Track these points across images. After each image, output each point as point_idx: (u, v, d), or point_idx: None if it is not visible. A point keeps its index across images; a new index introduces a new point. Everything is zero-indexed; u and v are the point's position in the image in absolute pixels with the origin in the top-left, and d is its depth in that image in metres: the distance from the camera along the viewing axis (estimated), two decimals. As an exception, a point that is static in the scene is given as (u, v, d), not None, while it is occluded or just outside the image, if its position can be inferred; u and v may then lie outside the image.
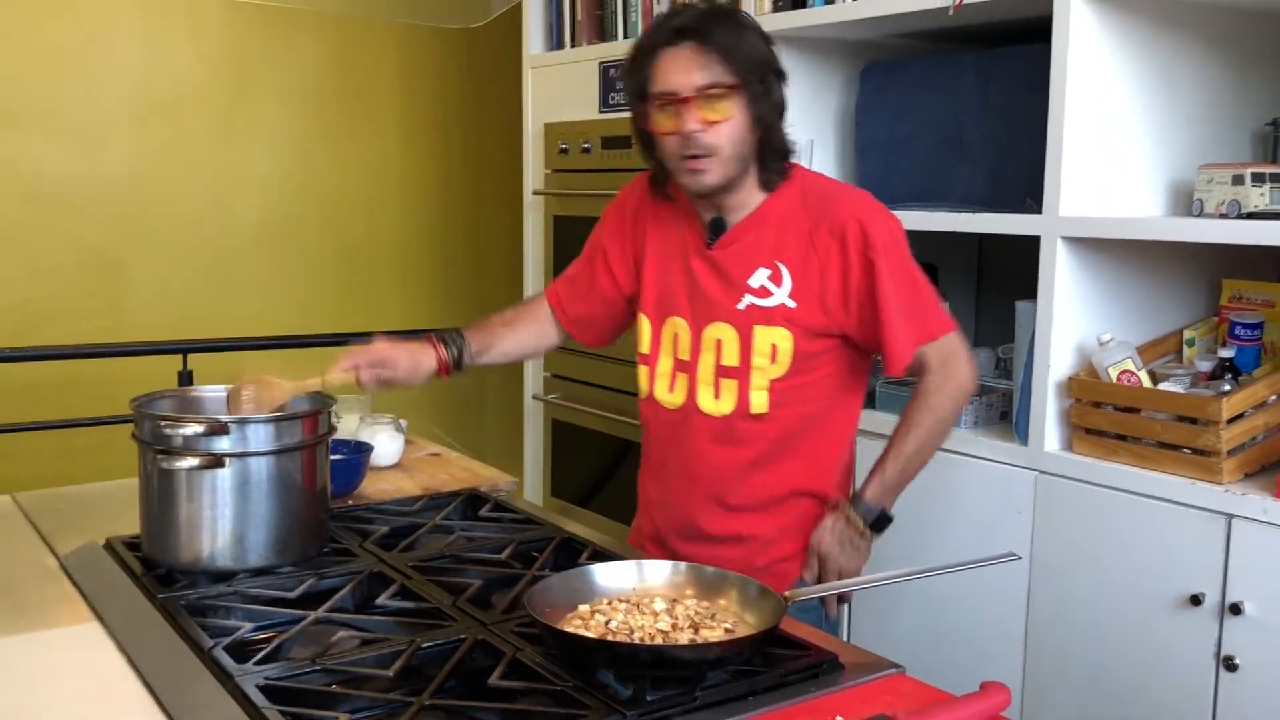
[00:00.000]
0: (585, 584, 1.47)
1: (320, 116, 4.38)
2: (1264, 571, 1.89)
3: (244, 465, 1.58)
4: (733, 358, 1.74)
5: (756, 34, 1.68)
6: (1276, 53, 2.42)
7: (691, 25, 1.63)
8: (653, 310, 1.83)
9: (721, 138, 1.65)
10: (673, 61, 1.63)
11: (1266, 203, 2.03)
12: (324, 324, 4.32)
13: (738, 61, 1.63)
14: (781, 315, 1.71)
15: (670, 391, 1.81)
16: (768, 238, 1.73)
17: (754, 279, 1.72)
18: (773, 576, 1.75)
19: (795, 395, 1.74)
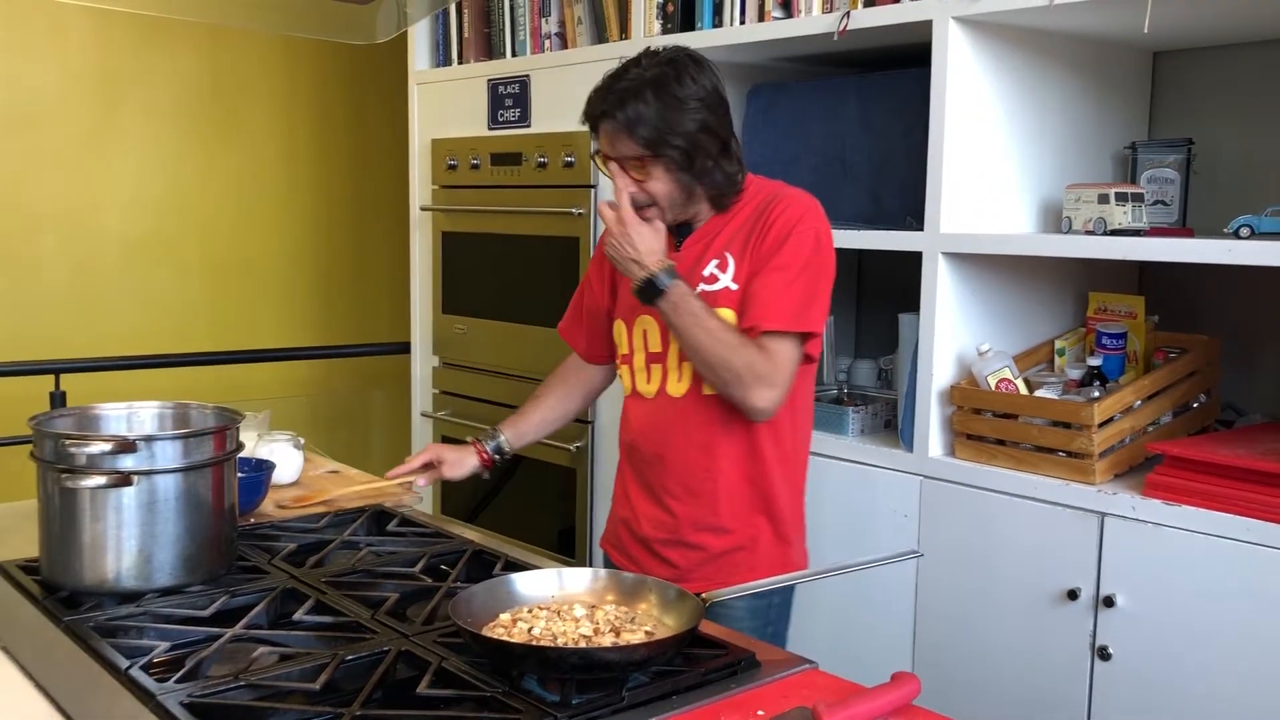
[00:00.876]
0: (507, 592, 1.49)
1: (194, 130, 4.28)
2: (1134, 566, 2.02)
3: (151, 483, 1.56)
4: None
5: (679, 100, 1.83)
6: (1134, 81, 2.59)
7: (609, 108, 1.84)
8: (626, 314, 2.01)
9: (653, 194, 1.88)
10: (603, 133, 1.89)
11: (1129, 220, 2.17)
12: (200, 342, 4.22)
13: (647, 137, 1.82)
14: (725, 297, 1.89)
15: (648, 382, 1.98)
16: (722, 235, 1.93)
17: (706, 269, 1.91)
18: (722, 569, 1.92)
19: None
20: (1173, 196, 2.44)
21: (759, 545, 1.96)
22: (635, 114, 1.82)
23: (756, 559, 1.95)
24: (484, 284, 3.45)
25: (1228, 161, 2.49)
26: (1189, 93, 2.58)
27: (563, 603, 1.48)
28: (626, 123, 1.83)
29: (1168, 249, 2.05)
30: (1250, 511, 1.90)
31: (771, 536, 1.97)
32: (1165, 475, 2.02)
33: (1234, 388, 2.43)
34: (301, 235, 4.56)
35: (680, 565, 1.96)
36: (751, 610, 1.91)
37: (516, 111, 3.28)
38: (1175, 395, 2.24)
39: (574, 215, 3.07)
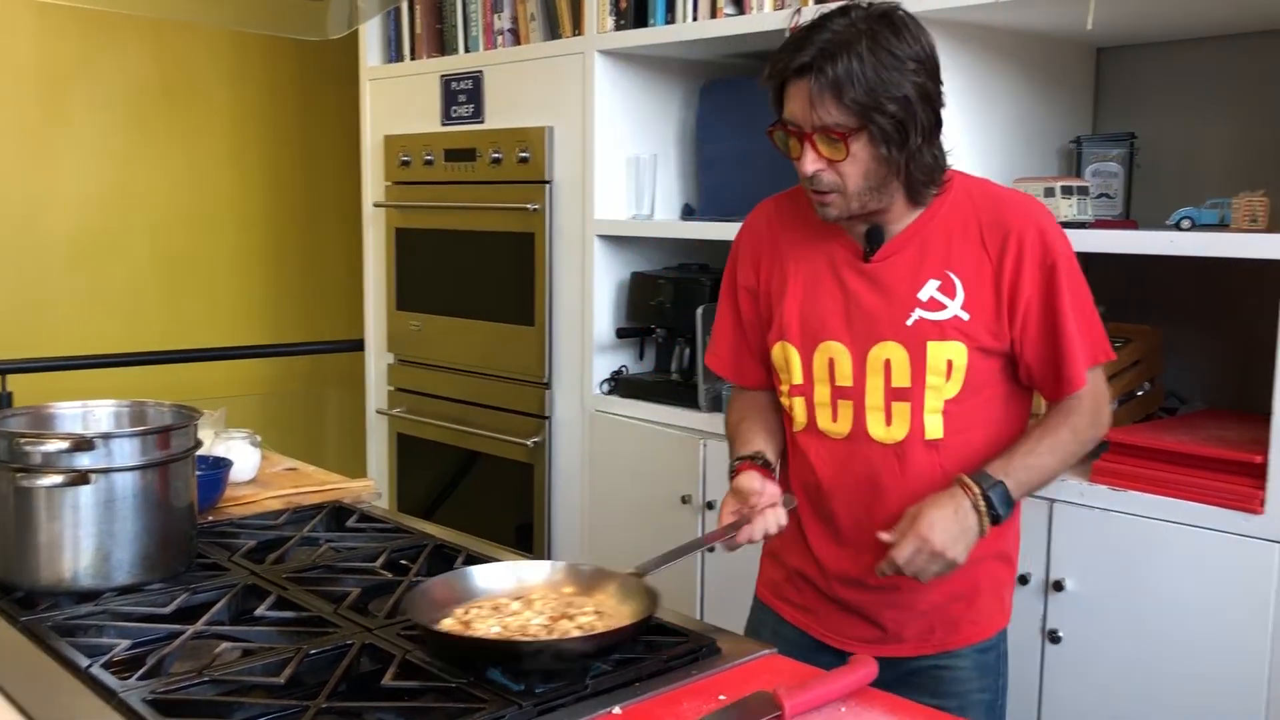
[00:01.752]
0: (465, 586, 1.49)
1: (143, 127, 4.22)
2: (1082, 550, 2.07)
3: (109, 481, 1.55)
4: (903, 379, 1.58)
5: (895, 58, 1.49)
6: (1078, 76, 2.65)
7: (813, 61, 1.47)
8: (798, 338, 1.66)
9: (844, 176, 1.53)
10: (796, 94, 1.51)
11: (1075, 213, 2.22)
12: (151, 342, 4.17)
13: (858, 100, 1.47)
14: (955, 328, 1.57)
15: (835, 421, 1.64)
16: (935, 246, 1.59)
17: (923, 292, 1.58)
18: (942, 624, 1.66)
19: (966, 420, 1.60)
20: (1116, 189, 2.49)
21: (992, 592, 1.70)
22: (846, 70, 1.45)
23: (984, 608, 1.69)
24: (438, 280, 3.44)
25: (1169, 155, 2.55)
26: (1132, 88, 2.63)
27: (519, 595, 1.49)
28: (834, 81, 1.46)
29: (1112, 241, 2.10)
30: (1193, 495, 1.95)
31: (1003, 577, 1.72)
32: (1111, 462, 2.07)
33: (1176, 376, 2.49)
34: (253, 232, 4.52)
35: (893, 629, 1.68)
36: (979, 665, 1.69)
37: (470, 107, 3.28)
38: (1120, 384, 2.29)
39: (529, 211, 3.07)
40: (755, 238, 1.76)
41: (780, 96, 1.55)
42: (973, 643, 1.68)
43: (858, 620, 1.69)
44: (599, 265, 2.97)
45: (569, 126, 3.00)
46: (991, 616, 1.69)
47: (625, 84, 2.96)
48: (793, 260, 1.69)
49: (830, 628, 1.72)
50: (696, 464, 2.69)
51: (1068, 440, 1.59)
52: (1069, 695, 2.10)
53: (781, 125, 1.56)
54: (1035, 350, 1.59)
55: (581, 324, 3.01)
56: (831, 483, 1.66)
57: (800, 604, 1.75)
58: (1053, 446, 1.58)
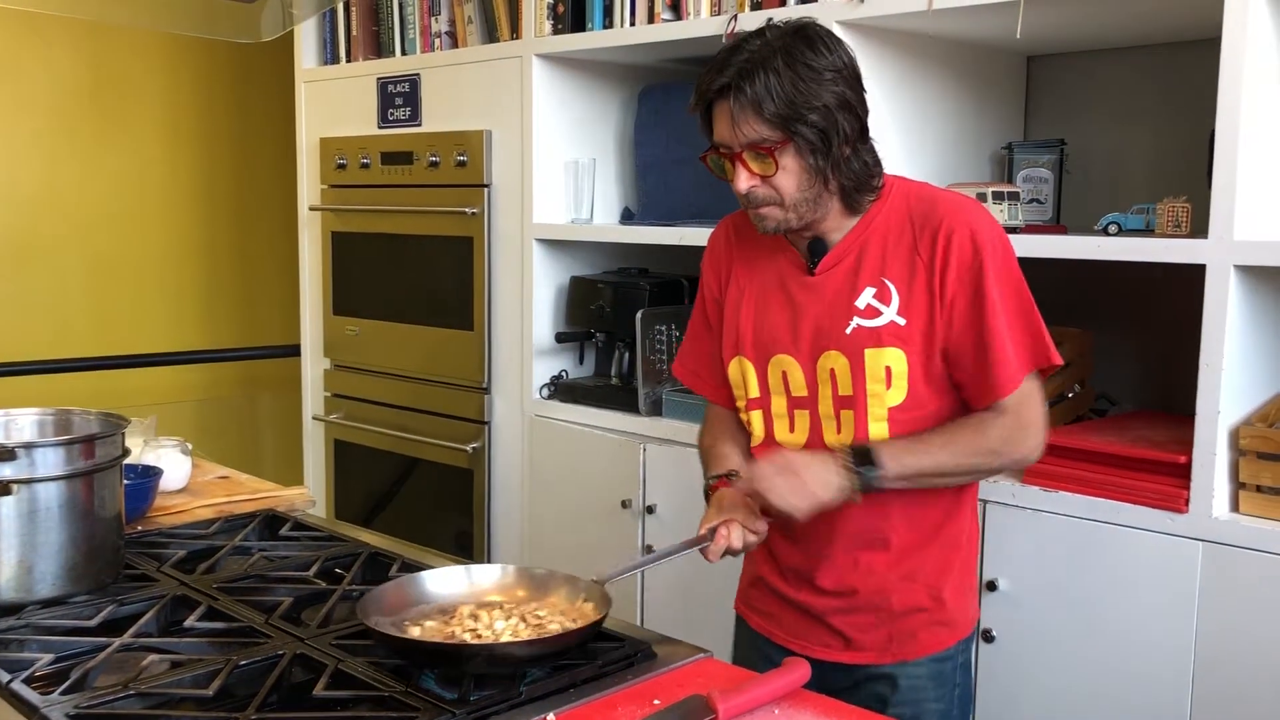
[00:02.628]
0: (417, 591, 1.49)
1: (72, 128, 4.14)
2: (1014, 550, 2.10)
3: (32, 492, 1.51)
4: (847, 386, 1.60)
5: (814, 70, 1.52)
6: (1008, 84, 2.69)
7: (732, 81, 1.51)
8: (753, 351, 1.68)
9: (778, 189, 1.55)
10: (721, 115, 1.55)
11: (1006, 218, 2.26)
12: (79, 347, 4.08)
13: (778, 114, 1.50)
14: (891, 334, 1.58)
15: (791, 431, 1.66)
16: (872, 253, 1.61)
17: (860, 299, 1.60)
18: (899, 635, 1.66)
19: (916, 426, 1.59)
20: (1047, 195, 2.54)
21: (952, 604, 1.68)
22: (764, 87, 1.49)
23: (942, 619, 1.68)
24: (376, 285, 3.41)
25: (1097, 161, 2.60)
26: (1061, 96, 2.68)
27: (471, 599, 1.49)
28: (754, 98, 1.50)
29: (1041, 245, 2.13)
30: (1122, 496, 1.99)
31: (960, 586, 1.70)
32: (1043, 463, 2.07)
33: (1105, 379, 2.54)
34: (186, 236, 4.45)
35: (852, 636, 1.67)
36: (935, 674, 1.68)
37: (407, 110, 3.25)
38: (1051, 387, 2.33)
39: (467, 215, 3.06)
40: (715, 255, 1.79)
41: (708, 121, 1.59)
42: (930, 653, 1.67)
43: (817, 626, 1.69)
44: (538, 269, 2.96)
45: (507, 130, 2.99)
46: (952, 628, 1.69)
47: (563, 88, 2.95)
48: (746, 276, 1.72)
49: (792, 633, 1.71)
50: (637, 468, 2.69)
51: (969, 439, 1.57)
52: (1003, 693, 2.13)
53: (713, 149, 1.59)
54: (965, 353, 1.57)
55: (521, 328, 3.00)
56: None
57: (764, 610, 1.76)
58: (948, 440, 1.57)
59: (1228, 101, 1.84)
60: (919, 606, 1.66)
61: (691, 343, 1.83)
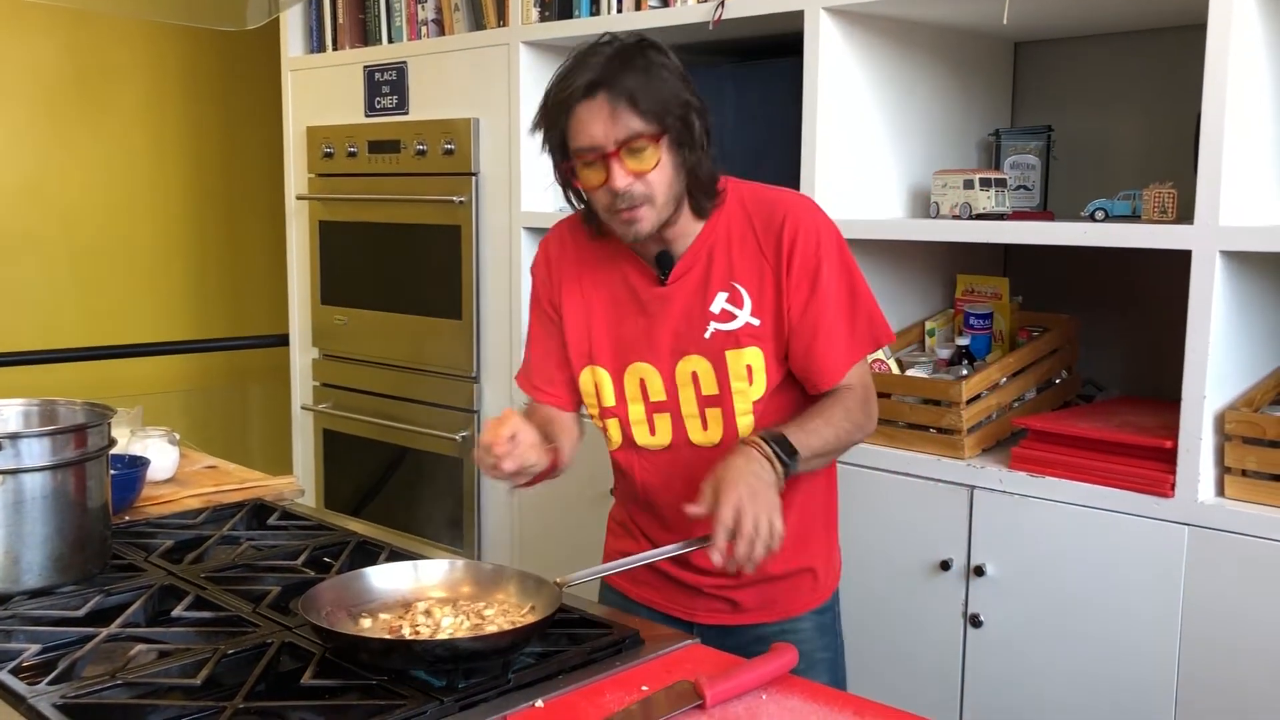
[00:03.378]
0: (362, 588, 1.47)
1: (55, 118, 4.11)
2: (1002, 536, 2.11)
3: (18, 482, 1.51)
4: (711, 387, 1.65)
5: (669, 71, 1.56)
6: (995, 70, 2.69)
7: (601, 78, 1.51)
8: (610, 361, 1.70)
9: (653, 186, 1.56)
10: (591, 115, 1.52)
11: (993, 205, 2.26)
12: (67, 338, 4.07)
13: (655, 108, 1.53)
14: (748, 335, 1.63)
15: (653, 434, 1.69)
16: (719, 259, 1.65)
17: (714, 305, 1.64)
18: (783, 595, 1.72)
19: (776, 415, 1.64)
20: (1034, 181, 2.54)
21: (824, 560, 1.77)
22: (636, 81, 1.51)
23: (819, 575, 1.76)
24: (364, 274, 3.40)
25: (1085, 148, 2.60)
26: (1048, 82, 2.68)
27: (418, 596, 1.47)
28: (629, 91, 1.50)
29: (1028, 232, 2.14)
30: (1109, 481, 2.00)
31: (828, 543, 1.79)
32: (1030, 449, 2.11)
33: (1092, 364, 2.55)
34: (173, 226, 4.43)
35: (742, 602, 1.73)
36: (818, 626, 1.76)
37: (394, 99, 3.24)
38: (1038, 372, 2.34)
39: (455, 203, 3.05)
40: (547, 263, 1.78)
41: (563, 134, 1.56)
42: (812, 607, 1.76)
43: (699, 596, 1.73)
44: (526, 258, 2.95)
45: (495, 118, 2.98)
46: (826, 581, 1.78)
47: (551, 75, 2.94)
48: (591, 286, 1.73)
49: (676, 602, 1.75)
50: (625, 456, 2.69)
51: (840, 418, 1.62)
52: (991, 678, 2.14)
53: (574, 160, 1.57)
54: (798, 346, 1.63)
55: (510, 317, 3.00)
56: (657, 488, 1.71)
57: (646, 582, 1.78)
58: (825, 419, 1.60)
59: (1214, 87, 1.84)
60: (795, 569, 1.73)
61: (531, 351, 1.80)
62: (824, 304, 1.62)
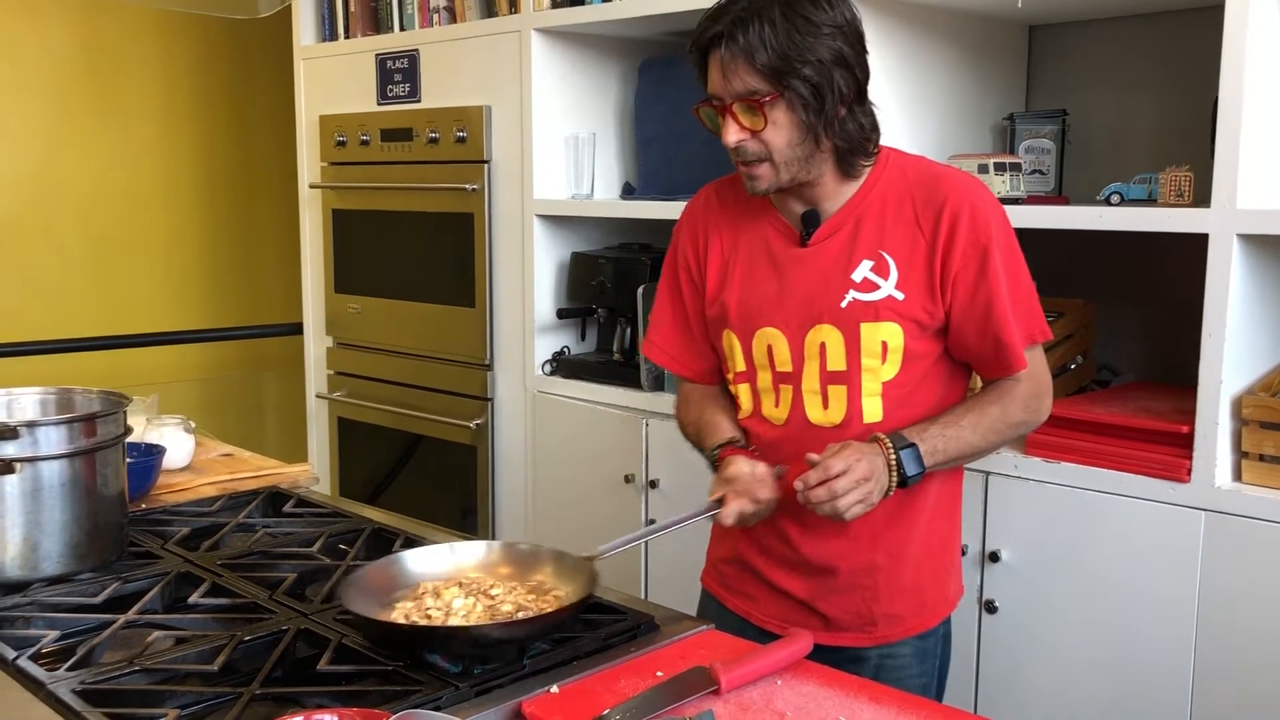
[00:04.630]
0: (400, 571, 1.48)
1: (69, 107, 4.13)
2: (1016, 522, 2.10)
3: (35, 470, 1.52)
4: (839, 362, 1.57)
5: (811, 24, 1.48)
6: (1010, 54, 2.68)
7: (726, 29, 1.48)
8: (738, 324, 1.65)
9: (768, 145, 1.51)
10: (713, 66, 1.51)
11: (1007, 189, 2.25)
12: (83, 327, 4.09)
13: (773, 66, 1.46)
14: (889, 309, 1.55)
15: (776, 406, 1.63)
16: (869, 226, 1.57)
17: (857, 273, 1.56)
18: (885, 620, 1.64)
19: (905, 402, 1.58)
20: (1049, 166, 2.53)
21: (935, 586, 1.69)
22: (758, 37, 1.45)
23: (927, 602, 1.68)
24: (377, 262, 3.41)
25: (1100, 132, 2.58)
26: (1063, 66, 2.67)
27: (457, 578, 1.47)
28: (747, 48, 1.46)
29: (1043, 216, 2.12)
30: (1125, 466, 1.99)
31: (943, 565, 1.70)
32: (1045, 434, 2.09)
33: (1108, 349, 2.54)
34: (187, 214, 4.45)
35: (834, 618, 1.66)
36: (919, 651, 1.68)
37: (406, 86, 3.24)
38: (1053, 357, 2.32)
39: (467, 191, 3.05)
40: (694, 224, 1.73)
41: (704, 72, 1.54)
42: (915, 634, 1.67)
43: (798, 609, 1.66)
44: (539, 245, 2.95)
45: (507, 105, 2.97)
46: (935, 607, 1.68)
47: (563, 62, 2.94)
48: (731, 246, 1.67)
49: (771, 614, 1.69)
50: (639, 443, 2.70)
51: (995, 418, 1.58)
52: (1006, 664, 2.14)
53: (706, 102, 1.55)
54: (970, 330, 1.57)
55: (522, 305, 3.00)
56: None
57: (742, 591, 1.73)
58: (976, 422, 1.57)
59: (1231, 69, 1.83)
60: (902, 588, 1.64)
61: (660, 319, 1.78)
62: (998, 286, 1.54)
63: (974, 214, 1.54)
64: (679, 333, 1.76)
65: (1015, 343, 1.56)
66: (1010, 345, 1.56)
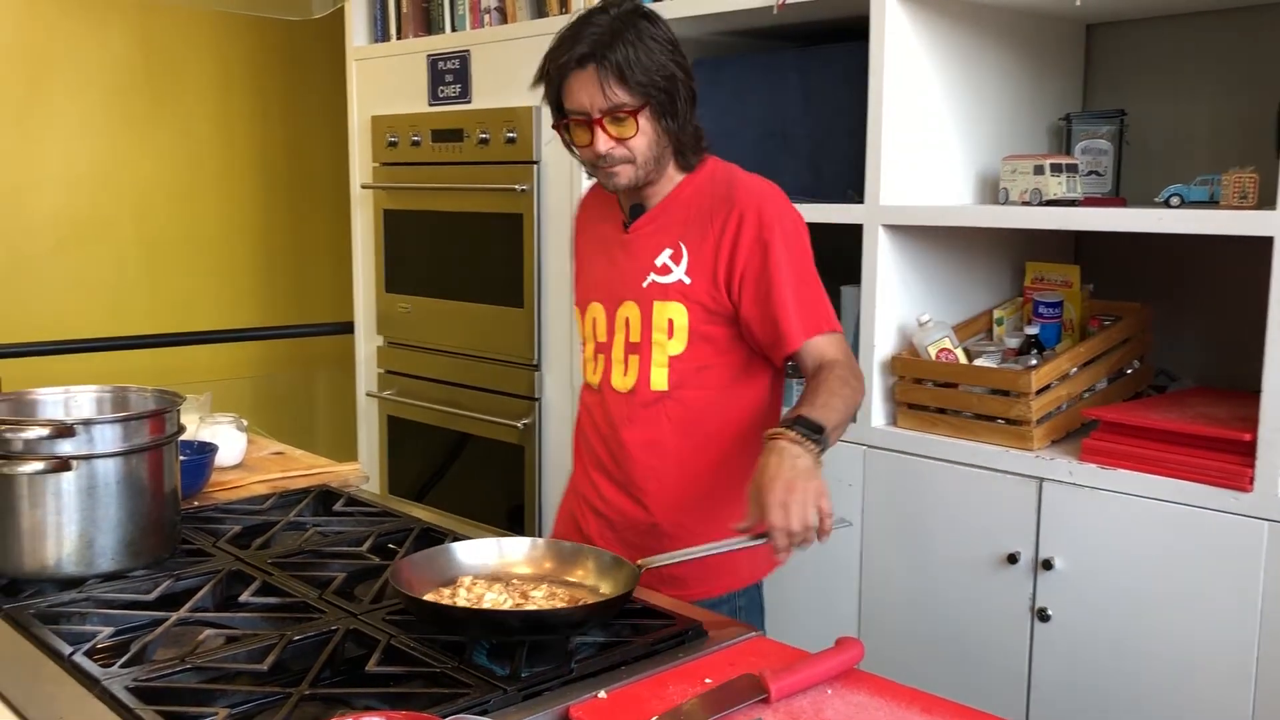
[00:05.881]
0: (447, 562, 1.51)
1: (126, 108, 4.19)
2: (1071, 529, 2.07)
3: (91, 468, 1.53)
4: (636, 334, 1.80)
5: (658, 43, 1.70)
6: (1067, 53, 2.63)
7: (590, 51, 1.66)
8: (580, 299, 1.93)
9: (633, 150, 1.72)
10: (580, 85, 1.68)
11: (1063, 190, 2.21)
12: (137, 324, 4.15)
13: (639, 81, 1.67)
14: (678, 291, 1.76)
15: (594, 373, 1.88)
16: (675, 219, 1.80)
17: (659, 258, 1.79)
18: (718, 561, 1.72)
19: (695, 379, 1.79)
20: (1106, 167, 2.48)
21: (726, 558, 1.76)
22: (624, 56, 1.66)
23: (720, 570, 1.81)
24: (427, 262, 3.43)
25: (1159, 132, 2.53)
26: (1121, 65, 2.62)
27: (501, 571, 1.51)
28: (617, 65, 1.65)
29: (1100, 219, 2.09)
30: (1182, 474, 1.95)
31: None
32: (1100, 440, 2.06)
33: (1166, 354, 2.49)
34: (240, 214, 4.50)
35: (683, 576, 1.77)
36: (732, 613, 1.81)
37: (457, 87, 3.25)
38: (1109, 362, 2.29)
39: (517, 192, 3.06)
40: (577, 218, 2.02)
41: (559, 94, 1.73)
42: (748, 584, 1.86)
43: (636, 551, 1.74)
44: (587, 246, 2.95)
45: (556, 106, 2.97)
46: (726, 577, 1.84)
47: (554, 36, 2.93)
48: (589, 233, 1.95)
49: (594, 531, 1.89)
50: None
51: (839, 387, 1.68)
52: (1058, 674, 2.10)
53: (566, 119, 1.74)
54: (752, 315, 1.75)
55: (569, 305, 3.00)
56: (590, 429, 1.91)
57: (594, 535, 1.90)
58: (830, 394, 1.66)
59: (1297, 68, 1.78)
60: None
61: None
62: (776, 277, 1.72)
63: (760, 214, 1.75)
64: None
65: (792, 325, 1.73)
66: (787, 328, 1.73)
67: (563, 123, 1.75)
